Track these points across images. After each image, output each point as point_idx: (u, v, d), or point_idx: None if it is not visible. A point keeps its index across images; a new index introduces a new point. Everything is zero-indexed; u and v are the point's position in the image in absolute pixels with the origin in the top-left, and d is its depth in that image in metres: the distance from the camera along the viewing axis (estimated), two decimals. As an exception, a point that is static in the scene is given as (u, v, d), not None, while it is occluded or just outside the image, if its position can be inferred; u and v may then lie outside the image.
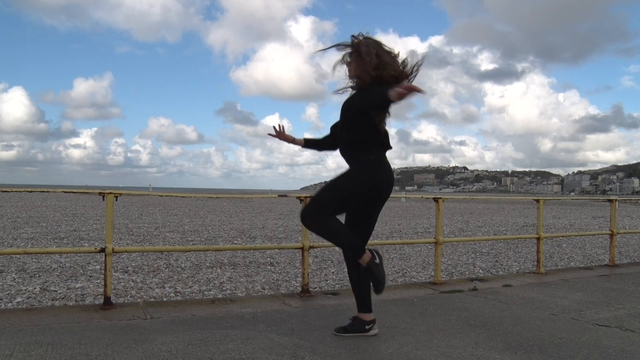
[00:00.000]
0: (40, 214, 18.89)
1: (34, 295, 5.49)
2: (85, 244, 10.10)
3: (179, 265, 7.53)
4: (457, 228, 15.70)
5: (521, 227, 16.44)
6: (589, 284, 4.90)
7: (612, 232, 6.37)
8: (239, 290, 5.92)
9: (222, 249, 8.63)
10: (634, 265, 6.68)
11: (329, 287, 6.17)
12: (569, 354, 2.73)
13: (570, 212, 27.88)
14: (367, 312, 3.05)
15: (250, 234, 12.84)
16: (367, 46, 2.86)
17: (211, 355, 2.57)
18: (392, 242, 10.61)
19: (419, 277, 6.96)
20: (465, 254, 9.44)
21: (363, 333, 3.01)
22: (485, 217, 22.34)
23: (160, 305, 3.89)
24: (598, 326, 3.31)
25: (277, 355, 2.59)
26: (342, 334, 3.00)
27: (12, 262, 7.49)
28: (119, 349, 2.63)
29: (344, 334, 3.00)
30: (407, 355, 2.66)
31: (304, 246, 4.23)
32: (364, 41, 2.90)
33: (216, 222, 16.79)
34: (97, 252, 3.78)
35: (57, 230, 12.88)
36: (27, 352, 2.55)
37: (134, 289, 5.83)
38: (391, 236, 12.61)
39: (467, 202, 39.55)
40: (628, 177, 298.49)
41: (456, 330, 3.16)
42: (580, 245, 11.22)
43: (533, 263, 7.66)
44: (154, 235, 11.91)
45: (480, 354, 2.70)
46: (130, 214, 19.50)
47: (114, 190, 3.72)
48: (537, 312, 3.69)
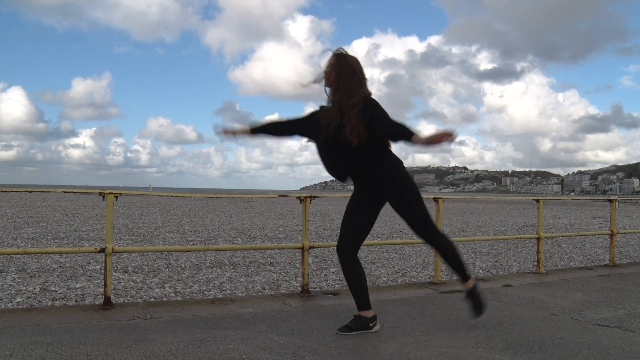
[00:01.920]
0: (40, 214, 18.89)
1: (34, 295, 5.49)
2: (85, 244, 10.10)
3: (179, 265, 7.53)
4: (457, 228, 15.70)
5: (521, 227, 16.44)
6: (589, 284, 4.90)
7: (612, 232, 6.37)
8: (239, 290, 5.92)
9: (222, 249, 8.64)
10: (634, 265, 6.68)
11: (329, 287, 6.17)
12: (569, 354, 2.73)
13: (570, 212, 27.88)
14: (368, 309, 3.07)
15: (250, 234, 12.84)
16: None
17: (211, 355, 2.57)
18: (392, 242, 10.60)
19: (419, 277, 6.96)
20: (465, 254, 9.44)
21: (367, 330, 3.03)
22: (485, 217, 22.34)
23: (160, 305, 3.89)
24: (598, 326, 3.31)
25: (277, 355, 2.59)
26: (346, 333, 3.00)
27: (12, 262, 7.49)
28: (119, 349, 2.63)
29: (349, 332, 3.00)
30: (407, 355, 2.66)
31: (304, 246, 4.22)
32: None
33: (216, 222, 16.79)
34: (97, 252, 3.77)
35: (57, 230, 12.88)
36: (27, 352, 2.55)
37: (134, 289, 5.83)
38: (391, 236, 12.61)
39: (467, 202, 39.55)
40: (628, 177, 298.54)
41: (456, 330, 3.16)
42: (580, 245, 11.22)
43: (533, 263, 7.66)
44: (154, 235, 11.91)
45: (480, 354, 2.70)
46: (130, 214, 19.50)
47: (114, 190, 3.72)
48: (537, 312, 3.69)
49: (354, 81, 2.96)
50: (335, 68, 2.99)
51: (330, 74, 3.01)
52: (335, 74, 2.99)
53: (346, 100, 2.94)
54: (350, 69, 2.97)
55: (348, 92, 2.94)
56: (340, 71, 2.97)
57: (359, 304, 3.08)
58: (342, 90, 2.96)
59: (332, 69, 3.01)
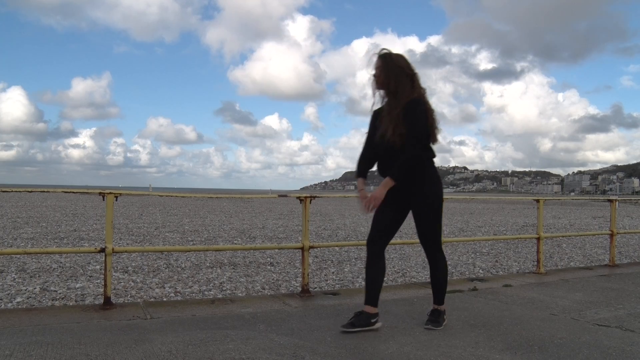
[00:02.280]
0: (40, 214, 18.89)
1: (34, 295, 5.49)
2: (85, 244, 10.10)
3: (179, 265, 7.53)
4: (457, 228, 15.70)
5: (521, 227, 16.44)
6: (589, 284, 4.90)
7: (612, 232, 6.37)
8: (239, 290, 5.92)
9: (222, 249, 8.64)
10: (634, 265, 6.68)
11: (329, 287, 6.17)
12: (569, 354, 2.73)
13: (570, 212, 27.88)
14: (374, 306, 3.11)
15: (250, 234, 12.84)
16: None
17: (211, 355, 2.57)
18: (392, 242, 10.57)
19: (419, 277, 6.96)
20: (465, 254, 9.44)
21: (370, 327, 3.06)
22: (485, 217, 22.34)
23: (160, 305, 3.89)
24: (598, 326, 3.31)
25: (277, 355, 2.59)
26: (350, 330, 3.03)
27: (12, 262, 7.49)
28: (119, 349, 2.63)
29: (352, 329, 3.03)
30: (407, 355, 2.66)
31: (304, 246, 4.22)
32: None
33: (216, 222, 16.79)
34: (97, 252, 3.77)
35: (57, 230, 12.88)
36: (27, 352, 2.55)
37: (134, 289, 5.83)
38: (391, 236, 12.61)
39: (467, 202, 39.54)
40: (628, 177, 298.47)
41: (456, 330, 3.16)
42: (580, 245, 11.22)
43: (533, 263, 7.66)
44: (154, 235, 11.91)
45: (480, 354, 2.70)
46: (130, 214, 19.50)
47: (114, 190, 3.72)
48: (537, 312, 3.69)
49: (405, 79, 3.02)
50: (384, 70, 3.04)
51: (379, 76, 3.06)
52: (383, 75, 3.04)
53: (394, 100, 3.01)
54: (398, 68, 3.02)
55: (399, 92, 3.00)
56: (389, 72, 3.02)
57: (368, 297, 3.12)
58: (393, 91, 3.02)
59: (380, 71, 3.06)
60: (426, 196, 3.08)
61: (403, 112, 2.95)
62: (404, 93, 2.99)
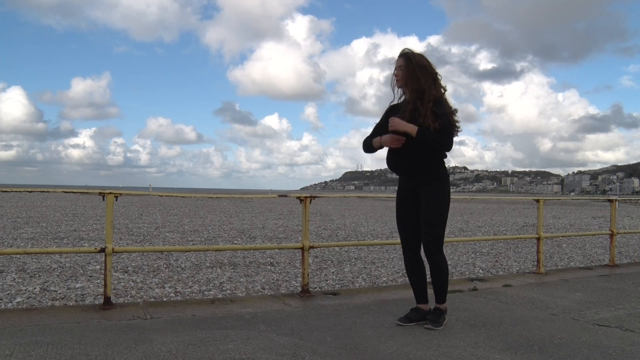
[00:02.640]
0: (40, 214, 18.89)
1: (34, 295, 5.49)
2: (85, 244, 10.10)
3: (179, 265, 7.53)
4: (457, 228, 15.70)
5: (521, 227, 16.44)
6: (589, 284, 4.90)
7: (612, 232, 6.37)
8: (239, 290, 5.92)
9: (222, 249, 8.64)
10: (634, 265, 6.69)
11: (329, 287, 6.16)
12: (569, 354, 2.73)
13: (570, 212, 27.88)
14: (425, 302, 3.30)
15: (250, 234, 12.84)
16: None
17: (211, 355, 2.57)
18: (392, 242, 10.58)
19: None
20: (465, 254, 9.44)
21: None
22: (485, 217, 22.34)
23: (160, 305, 3.89)
24: (598, 326, 3.31)
25: (277, 355, 2.59)
26: (406, 324, 3.18)
27: (12, 262, 7.49)
28: (119, 349, 2.63)
29: (409, 323, 3.19)
30: (407, 356, 2.66)
31: (304, 246, 4.23)
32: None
33: (216, 222, 16.79)
34: (97, 252, 3.78)
35: (57, 230, 12.88)
36: (27, 352, 2.55)
37: (134, 289, 5.83)
38: (391, 236, 12.61)
39: (467, 202, 39.55)
40: (628, 177, 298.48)
41: (456, 330, 3.16)
42: (580, 245, 11.22)
43: (533, 263, 7.66)
44: (154, 235, 11.91)
45: (480, 354, 2.70)
46: (130, 214, 19.50)
47: (114, 190, 3.73)
48: (537, 312, 3.69)
49: (428, 78, 3.07)
50: (406, 69, 3.09)
51: (402, 75, 3.10)
52: (406, 74, 3.08)
53: (418, 98, 3.04)
54: (421, 67, 3.07)
55: (425, 90, 3.04)
56: (412, 70, 3.06)
57: (417, 297, 3.29)
58: (417, 89, 3.06)
59: (402, 69, 3.11)
60: (436, 194, 3.14)
61: (433, 108, 3.02)
62: (429, 91, 3.05)
